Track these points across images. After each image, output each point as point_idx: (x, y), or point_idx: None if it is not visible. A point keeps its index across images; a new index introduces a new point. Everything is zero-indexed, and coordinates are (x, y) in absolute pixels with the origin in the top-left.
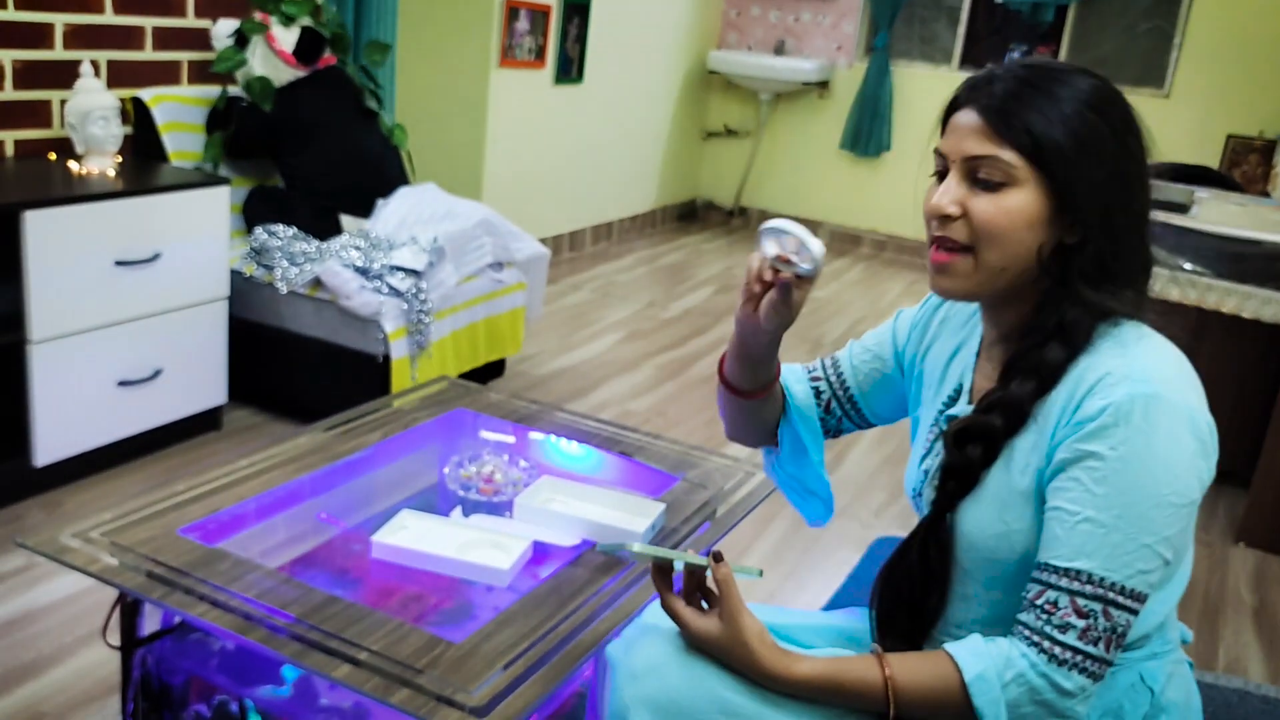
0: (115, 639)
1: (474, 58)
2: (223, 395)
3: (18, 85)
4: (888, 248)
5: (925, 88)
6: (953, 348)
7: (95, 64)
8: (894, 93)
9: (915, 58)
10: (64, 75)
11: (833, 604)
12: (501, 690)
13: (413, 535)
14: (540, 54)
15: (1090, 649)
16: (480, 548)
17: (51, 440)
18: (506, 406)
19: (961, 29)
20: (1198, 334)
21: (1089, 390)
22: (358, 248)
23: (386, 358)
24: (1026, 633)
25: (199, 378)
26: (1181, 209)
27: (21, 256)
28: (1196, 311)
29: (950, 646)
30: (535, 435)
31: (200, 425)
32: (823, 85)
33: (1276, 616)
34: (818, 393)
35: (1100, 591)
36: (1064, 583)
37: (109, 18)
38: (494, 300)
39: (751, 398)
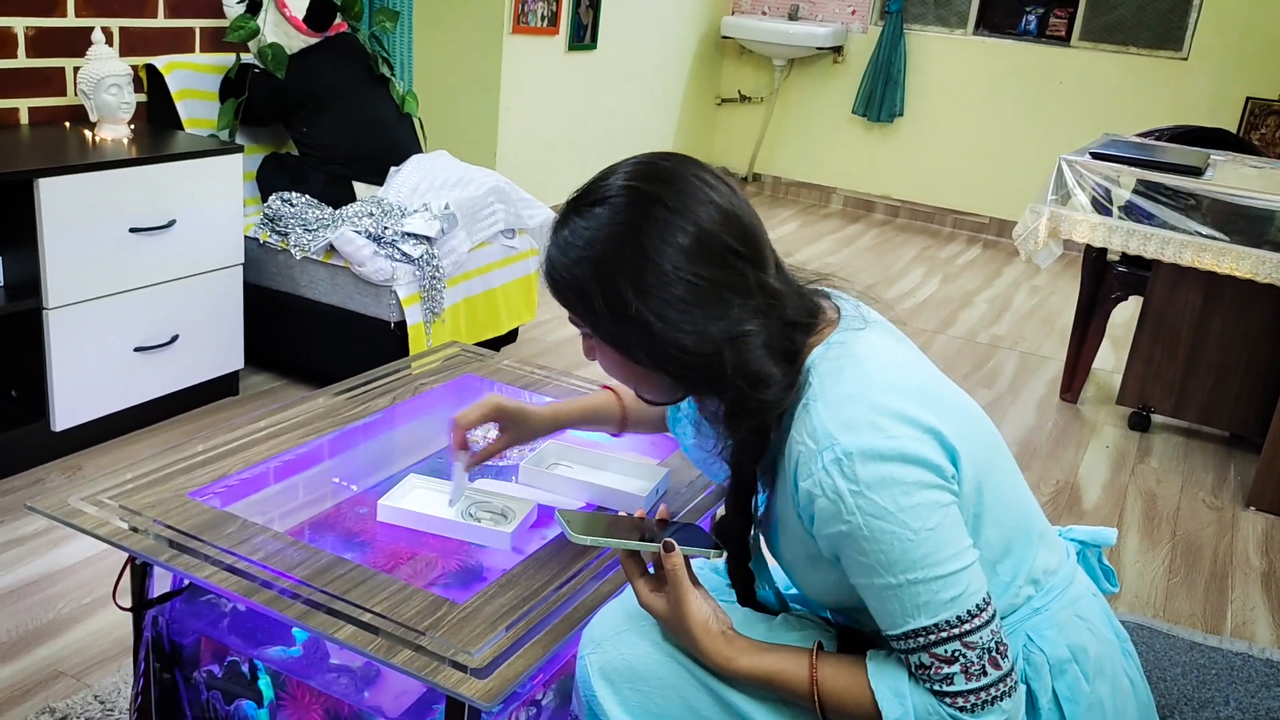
0: (126, 601)
1: (487, 25)
2: (239, 361)
3: (31, 53)
4: (900, 214)
5: (940, 53)
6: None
7: (107, 31)
8: (908, 58)
9: (930, 22)
10: (77, 43)
11: None
12: (503, 651)
13: (418, 499)
14: (553, 21)
15: (983, 681)
16: (484, 511)
17: (70, 405)
18: (515, 372)
19: None
20: (1210, 298)
21: (795, 474)
22: (370, 215)
23: (401, 324)
24: (929, 691)
25: (215, 343)
26: (1196, 173)
27: (37, 224)
28: (1209, 276)
29: (873, 676)
30: (541, 400)
31: (218, 390)
32: (837, 50)
33: None
34: None
35: (944, 635)
36: (911, 644)
37: None
38: (507, 267)
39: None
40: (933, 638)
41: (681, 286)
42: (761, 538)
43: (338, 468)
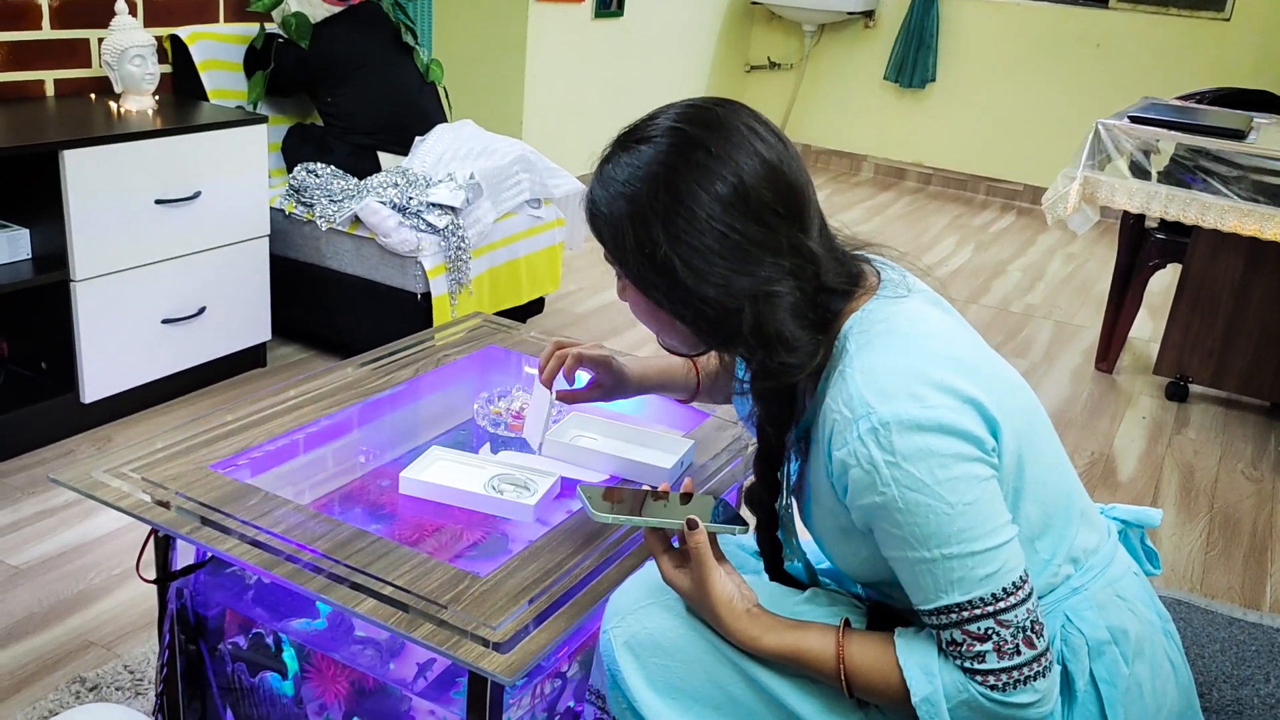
0: (151, 573)
1: None
2: (266, 332)
3: (55, 24)
4: (933, 181)
5: (974, 16)
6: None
7: (131, 2)
8: (940, 22)
9: None
10: (101, 13)
11: None
12: (525, 625)
13: (440, 471)
14: None
15: (1015, 660)
16: (507, 484)
17: (99, 377)
18: (539, 344)
19: None
20: (1251, 265)
21: (829, 443)
22: (395, 185)
23: (426, 295)
24: (959, 669)
25: (242, 315)
26: (1238, 136)
27: (63, 196)
28: (1250, 242)
29: (901, 650)
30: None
31: (246, 362)
32: (868, 15)
33: None
34: None
35: (978, 612)
36: (944, 620)
37: None
38: (532, 237)
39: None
40: (966, 614)
41: (712, 236)
42: (795, 507)
43: (361, 440)
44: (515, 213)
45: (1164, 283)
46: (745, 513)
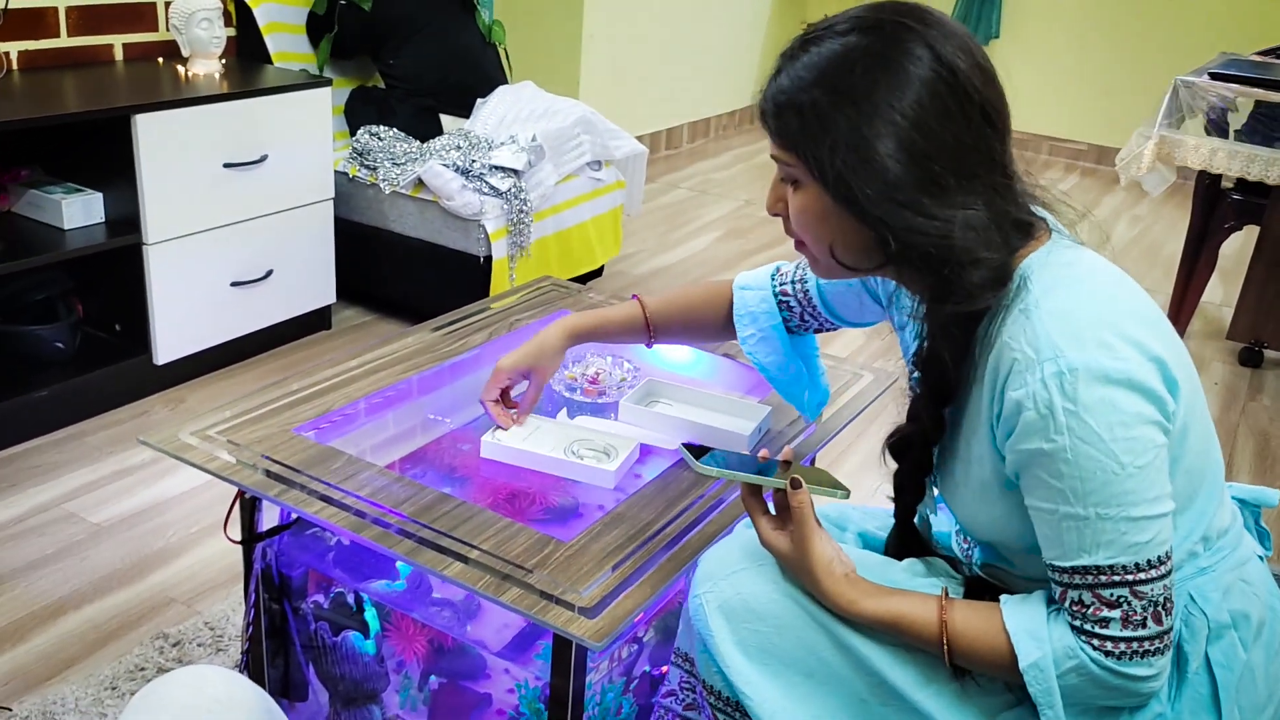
0: (236, 533)
1: None
2: (331, 295)
3: None
4: None
5: None
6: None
7: None
8: None
9: None
10: None
11: None
12: (611, 590)
13: (520, 436)
14: None
15: (1140, 633)
16: (586, 449)
17: (171, 339)
18: (607, 306)
19: None
20: None
21: (1004, 383)
22: (458, 148)
23: (488, 258)
24: (1074, 630)
25: (308, 278)
26: None
27: (135, 160)
28: None
29: (1009, 616)
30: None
31: (311, 324)
32: None
33: None
34: (785, 304)
35: (1116, 578)
36: (1078, 580)
37: None
38: (593, 200)
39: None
40: (1103, 579)
41: (929, 135)
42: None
43: (435, 403)
44: (576, 175)
45: (1236, 246)
46: (846, 480)
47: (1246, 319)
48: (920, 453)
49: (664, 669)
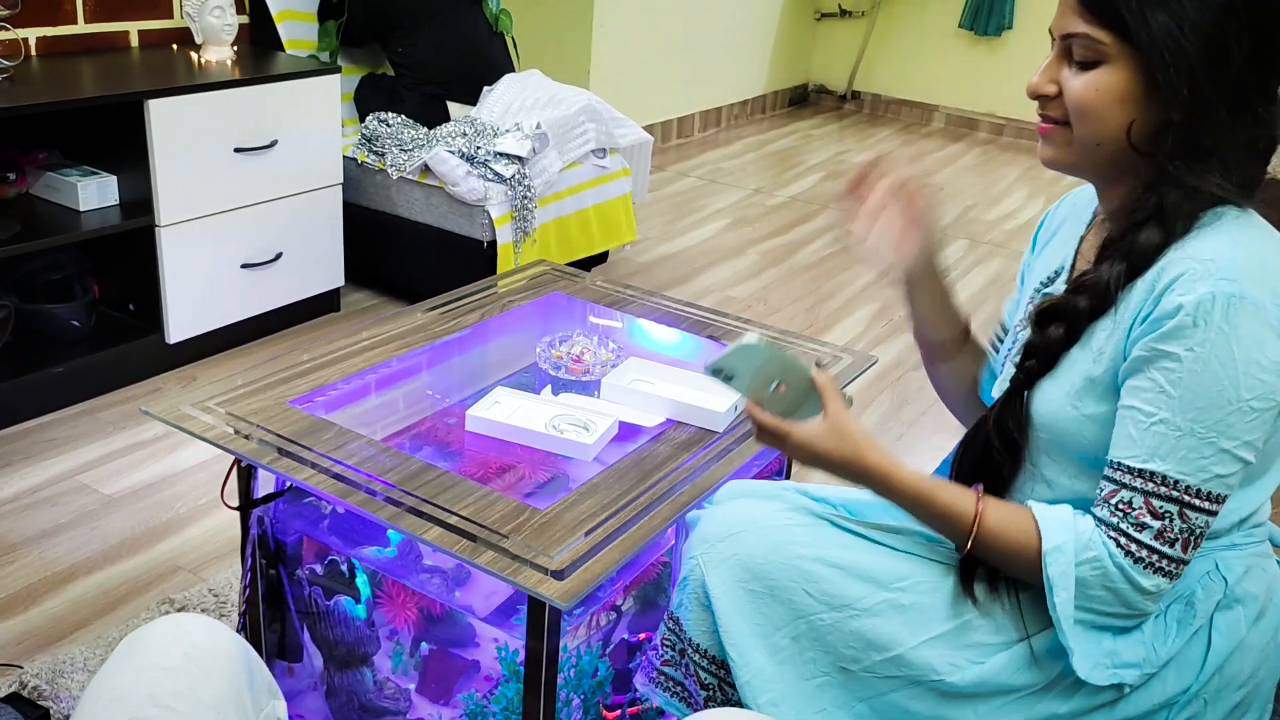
0: (234, 500)
1: None
2: (340, 278)
3: None
4: (1006, 131)
5: None
6: (1060, 232)
7: None
8: None
9: None
10: None
11: None
12: (582, 555)
13: (505, 410)
14: None
15: (1167, 550)
16: (567, 424)
17: (182, 319)
18: (601, 291)
19: None
20: None
21: (1169, 285)
22: (464, 134)
23: (492, 243)
24: (1104, 527)
25: (317, 261)
26: None
27: (148, 144)
28: None
29: (1038, 509)
30: (627, 318)
31: (320, 306)
32: None
33: None
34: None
35: (1175, 494)
36: (1138, 483)
37: None
38: (598, 187)
39: (942, 352)
40: (1164, 490)
41: (1268, 28)
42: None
43: (429, 381)
44: (581, 162)
45: None
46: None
47: None
48: (1076, 325)
49: (642, 635)
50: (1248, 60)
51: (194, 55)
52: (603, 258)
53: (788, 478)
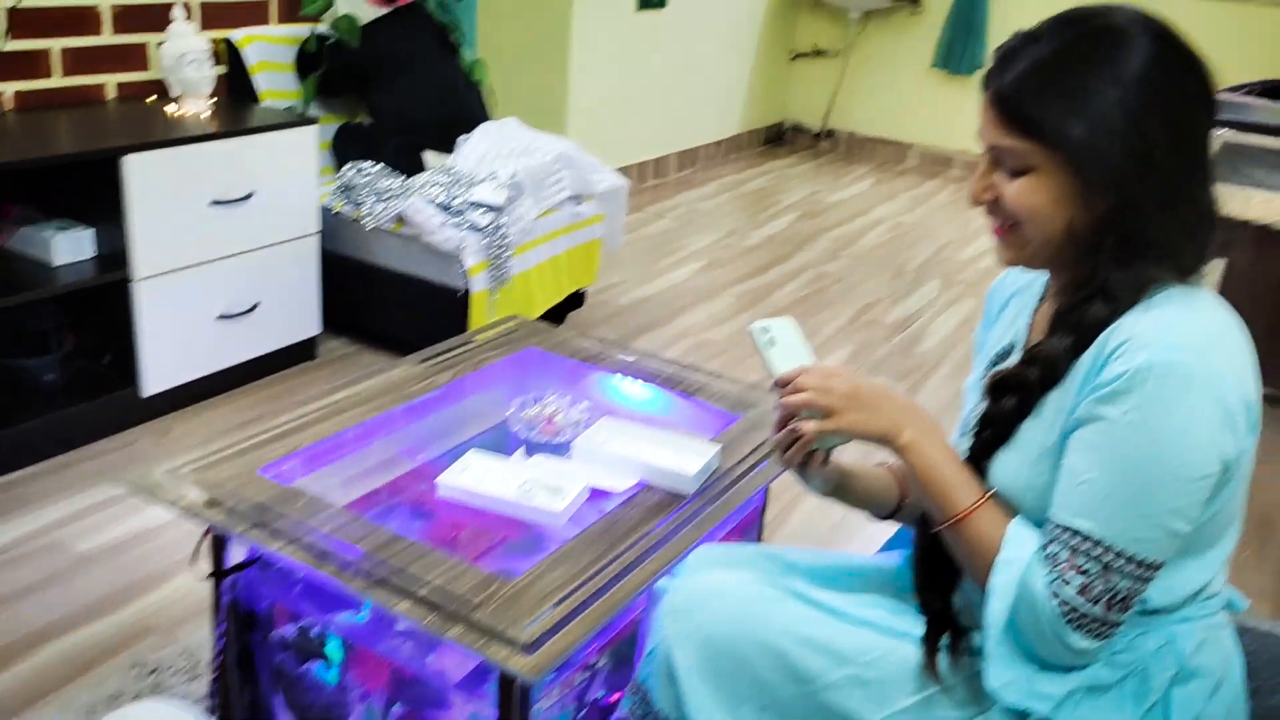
0: (206, 567)
1: None
2: (317, 326)
3: (116, 29)
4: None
5: (1023, 1)
6: (1011, 304)
7: (187, 6)
8: (989, 6)
9: None
10: (159, 18)
11: (888, 548)
12: (551, 626)
13: (475, 476)
14: None
15: (1089, 608)
16: (538, 490)
17: (158, 371)
18: (574, 345)
19: None
20: None
21: (1113, 353)
22: (440, 184)
23: (467, 292)
24: (1041, 578)
25: (294, 310)
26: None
27: (124, 198)
28: None
29: (1015, 523)
30: (600, 374)
31: (297, 355)
32: (914, 1)
33: None
34: None
35: (1098, 553)
36: (1065, 538)
37: None
38: (573, 233)
39: (893, 516)
40: (1086, 546)
41: (1184, 123)
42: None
43: (401, 441)
44: (557, 209)
45: (1209, 280)
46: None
47: None
48: (1028, 396)
49: (614, 697)
50: (1172, 155)
51: (171, 108)
52: (579, 302)
53: (759, 539)
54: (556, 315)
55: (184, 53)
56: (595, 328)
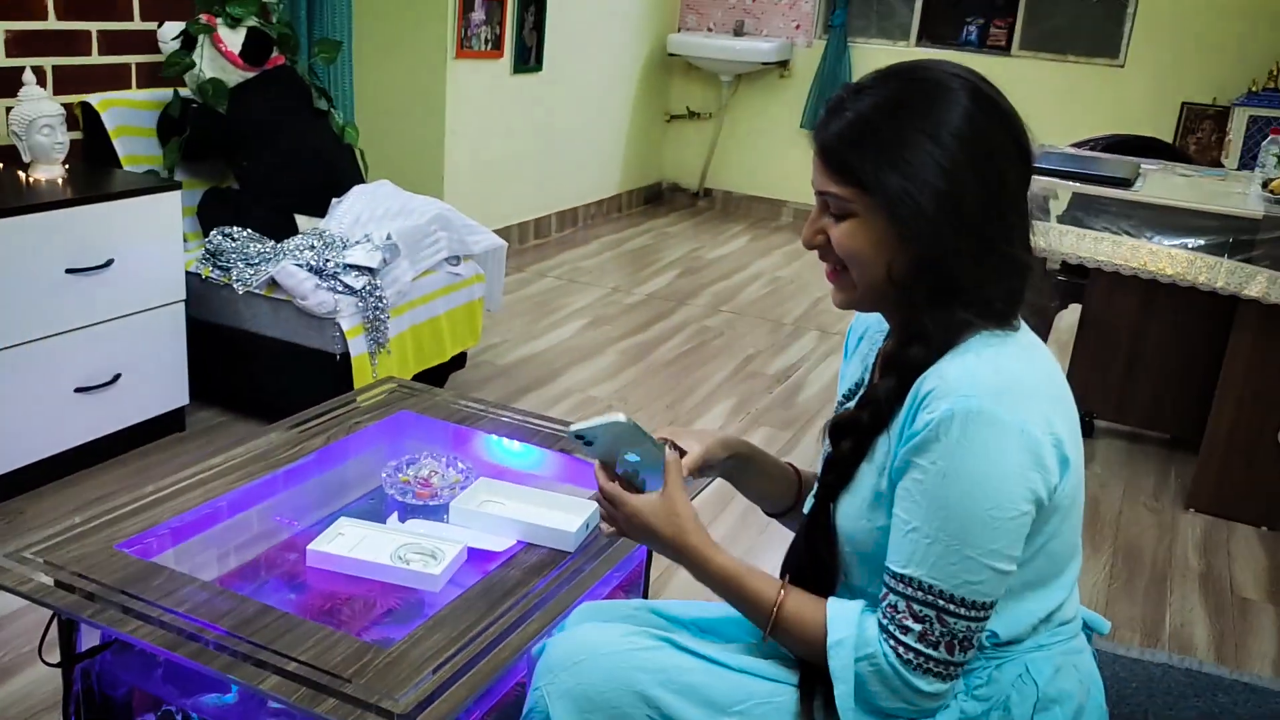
0: (54, 656)
1: (430, 50)
2: (184, 396)
3: None
4: None
5: (884, 64)
6: (863, 342)
7: (39, 71)
8: (853, 70)
9: (873, 35)
10: (8, 83)
11: None
12: (428, 695)
13: (348, 543)
14: (497, 43)
15: (931, 652)
16: (413, 554)
17: (8, 450)
18: (450, 407)
19: (919, 4)
20: (1146, 304)
21: (922, 401)
22: (312, 247)
23: (345, 355)
24: (881, 629)
25: (159, 380)
26: (1126, 184)
27: None
28: (1144, 283)
29: (832, 604)
30: (477, 435)
31: (164, 427)
32: (782, 65)
33: (1222, 581)
34: None
35: (930, 599)
36: (900, 587)
37: (52, 23)
38: (451, 294)
39: (787, 514)
40: (920, 594)
41: (995, 177)
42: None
43: (271, 511)
44: (434, 270)
45: (1068, 323)
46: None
47: (1076, 391)
48: (862, 439)
49: None
50: (983, 206)
51: (21, 174)
52: (460, 363)
53: (645, 596)
54: (438, 377)
55: (35, 118)
56: (477, 388)
